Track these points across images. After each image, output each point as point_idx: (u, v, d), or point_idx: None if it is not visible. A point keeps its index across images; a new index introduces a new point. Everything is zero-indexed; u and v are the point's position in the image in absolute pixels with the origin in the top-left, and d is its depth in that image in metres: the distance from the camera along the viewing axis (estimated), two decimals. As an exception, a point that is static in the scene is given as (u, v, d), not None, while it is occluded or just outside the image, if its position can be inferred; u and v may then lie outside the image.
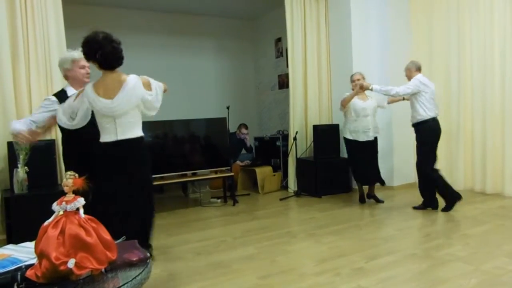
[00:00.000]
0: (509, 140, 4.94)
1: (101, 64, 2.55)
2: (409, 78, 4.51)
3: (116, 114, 2.56)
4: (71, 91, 2.92)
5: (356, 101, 4.85)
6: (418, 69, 4.50)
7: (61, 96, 2.89)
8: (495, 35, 4.98)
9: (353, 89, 4.84)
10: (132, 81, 2.58)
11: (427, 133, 4.40)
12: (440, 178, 4.39)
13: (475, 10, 5.20)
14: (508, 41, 4.88)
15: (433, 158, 4.42)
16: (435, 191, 4.46)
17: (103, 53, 2.49)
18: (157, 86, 2.73)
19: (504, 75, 4.93)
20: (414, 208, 4.59)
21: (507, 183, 4.98)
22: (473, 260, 2.98)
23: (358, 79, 4.81)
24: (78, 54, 2.86)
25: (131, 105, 2.58)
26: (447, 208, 4.40)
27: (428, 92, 4.37)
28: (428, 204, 4.53)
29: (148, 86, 2.67)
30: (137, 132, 2.68)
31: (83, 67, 2.97)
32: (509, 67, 4.88)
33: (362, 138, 4.85)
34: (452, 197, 4.39)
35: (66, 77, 3.02)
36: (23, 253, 1.79)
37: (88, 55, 2.54)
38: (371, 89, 4.55)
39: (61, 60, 3.01)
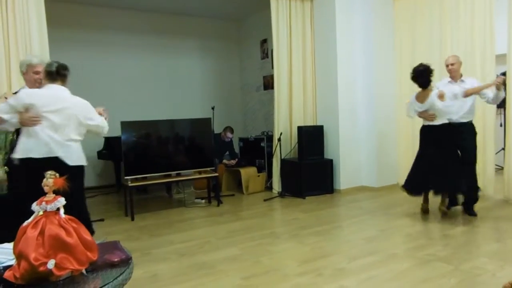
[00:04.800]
0: (489, 142, 5.04)
1: None
2: (458, 72, 4.24)
3: None
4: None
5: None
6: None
7: None
8: (476, 44, 5.07)
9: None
10: None
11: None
12: None
13: (455, 21, 5.28)
14: (488, 50, 4.97)
15: None
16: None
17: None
18: None
19: (483, 82, 5.01)
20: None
21: (488, 184, 5.08)
22: (453, 260, 3.04)
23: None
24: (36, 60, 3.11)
25: None
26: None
27: None
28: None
29: None
30: None
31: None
32: (488, 76, 4.96)
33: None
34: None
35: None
36: (2, 254, 1.75)
37: None
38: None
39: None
